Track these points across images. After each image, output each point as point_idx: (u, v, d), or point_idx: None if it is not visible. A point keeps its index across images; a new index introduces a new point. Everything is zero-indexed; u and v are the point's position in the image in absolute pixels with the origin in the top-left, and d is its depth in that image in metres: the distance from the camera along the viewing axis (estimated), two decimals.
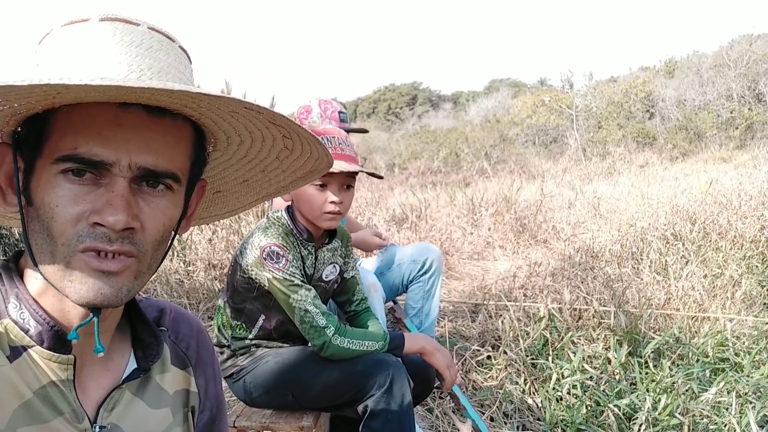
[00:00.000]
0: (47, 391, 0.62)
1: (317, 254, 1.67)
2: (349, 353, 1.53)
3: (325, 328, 1.51)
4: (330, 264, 1.72)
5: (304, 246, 1.64)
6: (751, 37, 21.41)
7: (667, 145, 16.98)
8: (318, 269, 1.68)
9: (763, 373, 2.29)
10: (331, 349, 1.51)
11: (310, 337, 1.53)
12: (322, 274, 1.70)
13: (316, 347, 1.53)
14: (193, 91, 0.52)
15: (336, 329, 1.52)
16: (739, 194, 5.28)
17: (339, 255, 1.76)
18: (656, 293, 3.26)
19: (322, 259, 1.69)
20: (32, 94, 0.53)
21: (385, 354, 1.57)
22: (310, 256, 1.66)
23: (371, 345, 1.55)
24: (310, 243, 1.64)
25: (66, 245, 0.58)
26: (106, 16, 0.62)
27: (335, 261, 1.74)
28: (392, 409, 1.45)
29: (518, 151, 17.76)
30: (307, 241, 1.63)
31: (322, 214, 1.58)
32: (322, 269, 1.69)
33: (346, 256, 1.79)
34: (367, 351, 1.54)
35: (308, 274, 1.65)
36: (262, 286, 1.57)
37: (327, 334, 1.51)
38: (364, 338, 1.56)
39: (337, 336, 1.52)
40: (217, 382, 0.85)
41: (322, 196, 1.56)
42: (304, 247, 1.64)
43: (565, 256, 4.48)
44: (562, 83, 24.47)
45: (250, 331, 1.66)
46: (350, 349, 1.53)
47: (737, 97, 19.27)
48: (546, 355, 2.56)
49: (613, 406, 2.07)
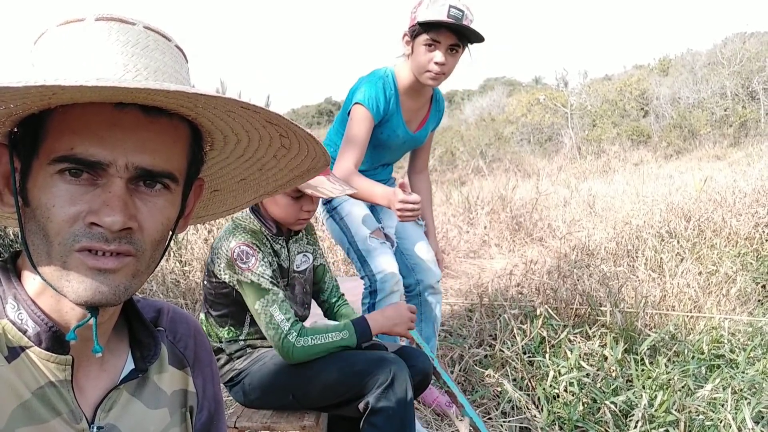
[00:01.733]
0: (45, 391, 0.62)
1: (289, 247, 1.71)
2: (316, 350, 1.51)
3: (288, 334, 1.50)
4: (300, 254, 1.76)
5: (275, 241, 1.67)
6: (744, 36, 21.51)
7: (661, 143, 17.05)
8: (292, 261, 1.72)
9: (758, 369, 2.31)
10: (296, 352, 1.50)
11: (276, 345, 1.52)
12: (294, 265, 1.73)
13: (283, 354, 1.52)
14: (189, 92, 0.52)
15: (297, 332, 1.51)
16: (733, 192, 5.30)
17: (307, 243, 1.81)
18: (652, 290, 3.28)
19: (293, 251, 1.73)
20: (28, 95, 0.53)
21: (385, 352, 1.57)
22: (283, 250, 1.69)
23: (335, 336, 1.54)
24: (280, 237, 1.68)
25: (62, 245, 0.57)
26: (102, 16, 0.62)
27: (303, 250, 1.78)
28: (394, 406, 1.45)
29: (513, 149, 17.80)
30: (276, 235, 1.67)
31: (296, 221, 1.65)
32: (294, 260, 1.73)
33: (313, 243, 1.84)
34: (334, 343, 1.53)
35: (284, 267, 1.68)
36: (235, 286, 1.58)
37: (290, 339, 1.50)
38: (326, 332, 1.54)
39: (299, 338, 1.51)
40: (215, 382, 0.85)
41: (296, 206, 1.62)
42: (275, 241, 1.67)
43: (561, 254, 4.49)
44: (556, 81, 24.52)
45: (241, 330, 1.67)
46: (316, 345, 1.51)
47: (731, 95, 19.36)
48: (543, 352, 2.57)
49: (610, 402, 2.08)
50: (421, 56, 1.93)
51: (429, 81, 1.98)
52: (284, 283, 1.69)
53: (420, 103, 2.14)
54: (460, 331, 3.08)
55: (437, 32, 1.88)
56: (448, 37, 1.89)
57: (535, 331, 2.70)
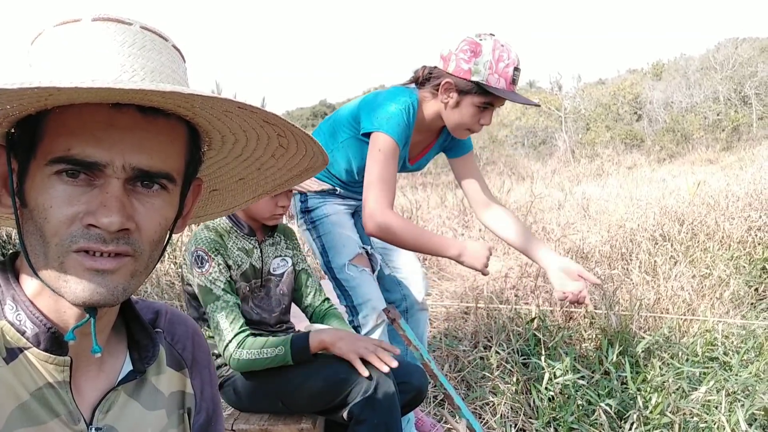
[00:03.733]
0: (44, 392, 0.62)
1: (262, 248, 1.71)
2: (253, 364, 1.51)
3: (229, 343, 1.51)
4: (276, 257, 1.75)
5: (247, 240, 1.67)
6: (736, 41, 21.70)
7: (654, 147, 17.15)
8: (266, 263, 1.71)
9: (751, 371, 2.32)
10: (233, 363, 1.51)
11: (220, 351, 1.53)
12: (270, 267, 1.73)
13: (226, 361, 1.53)
14: (185, 92, 0.52)
15: (237, 343, 1.51)
16: (726, 195, 5.34)
17: (286, 248, 1.80)
18: (646, 293, 3.29)
19: (267, 253, 1.73)
20: (24, 96, 0.53)
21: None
22: (255, 250, 1.69)
23: (270, 352, 1.51)
24: (252, 237, 1.69)
25: (59, 246, 0.57)
26: (99, 16, 0.62)
27: (282, 254, 1.77)
28: (377, 415, 1.43)
29: (508, 152, 17.86)
30: (248, 235, 1.68)
31: (271, 216, 1.66)
32: (269, 262, 1.73)
33: (293, 248, 1.83)
34: (269, 358, 1.51)
35: (257, 268, 1.68)
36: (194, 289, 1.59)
37: (229, 349, 1.51)
38: (263, 346, 1.52)
39: (237, 350, 1.51)
40: (213, 384, 0.85)
41: (272, 202, 1.63)
42: (247, 241, 1.67)
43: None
44: (551, 85, 24.64)
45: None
46: (252, 359, 1.51)
47: (723, 99, 19.51)
48: (538, 355, 2.57)
49: (605, 405, 2.08)
50: (467, 116, 1.75)
51: (463, 136, 1.86)
52: (257, 284, 1.69)
53: (424, 136, 1.98)
54: (455, 334, 3.08)
55: (495, 98, 1.71)
56: (502, 101, 1.74)
57: (530, 333, 2.70)
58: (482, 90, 1.68)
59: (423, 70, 1.83)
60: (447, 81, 1.72)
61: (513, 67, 1.67)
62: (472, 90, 1.70)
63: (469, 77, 1.68)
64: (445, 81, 1.72)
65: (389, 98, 1.79)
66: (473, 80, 1.67)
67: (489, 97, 1.70)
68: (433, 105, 1.81)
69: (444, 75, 1.73)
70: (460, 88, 1.71)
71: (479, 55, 1.67)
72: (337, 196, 2.04)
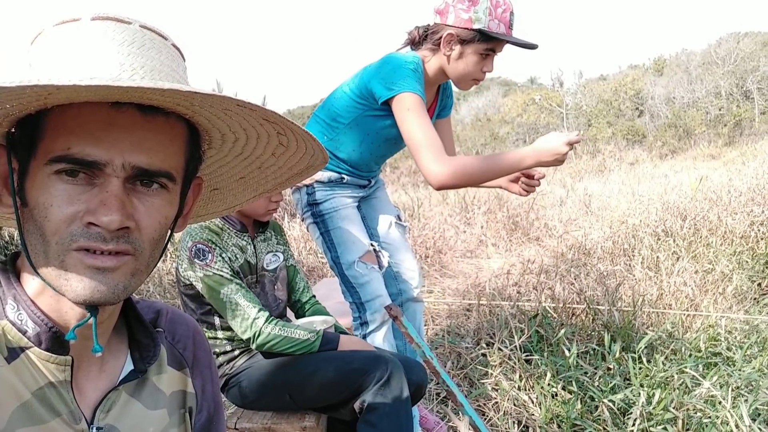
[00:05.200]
0: (45, 392, 0.62)
1: (255, 244, 1.72)
2: (280, 341, 1.52)
3: (256, 318, 1.52)
4: (268, 253, 1.76)
5: (240, 237, 1.68)
6: (738, 35, 21.62)
7: (656, 143, 17.10)
8: (260, 258, 1.72)
9: (754, 366, 2.32)
10: (261, 337, 1.51)
11: (242, 330, 1.53)
12: (263, 263, 1.73)
13: (249, 338, 1.53)
14: (183, 90, 0.52)
15: (266, 319, 1.53)
16: (728, 190, 5.33)
17: (277, 244, 1.82)
18: (649, 289, 3.28)
19: (261, 249, 1.74)
20: (23, 95, 0.53)
21: (381, 350, 1.57)
22: (249, 246, 1.69)
23: (303, 334, 1.54)
24: (244, 233, 1.69)
25: (60, 244, 0.57)
26: (98, 15, 0.62)
27: (273, 250, 1.78)
28: (390, 403, 1.45)
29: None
30: (241, 231, 1.68)
31: (265, 212, 1.69)
32: (262, 258, 1.73)
33: (284, 244, 1.85)
34: (299, 340, 1.53)
35: (252, 264, 1.69)
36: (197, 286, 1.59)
37: (258, 324, 1.51)
38: (296, 328, 1.55)
39: (267, 324, 1.52)
40: (214, 383, 0.85)
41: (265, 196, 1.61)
42: (240, 237, 1.68)
43: (558, 254, 4.50)
44: (552, 81, 24.61)
45: (215, 333, 1.67)
46: (282, 336, 1.52)
47: (725, 94, 19.46)
48: (541, 351, 2.57)
49: (608, 401, 2.08)
50: (471, 65, 1.75)
51: (467, 87, 1.85)
52: (253, 280, 1.70)
53: (428, 95, 1.96)
54: (458, 331, 3.08)
55: (497, 43, 1.72)
56: (503, 45, 1.75)
57: (533, 330, 2.70)
58: (485, 37, 1.70)
59: (417, 30, 1.84)
60: (449, 33, 1.73)
61: (509, 11, 1.68)
62: (475, 38, 1.70)
63: (471, 26, 1.68)
64: (447, 33, 1.73)
65: (396, 63, 1.76)
66: (475, 28, 1.68)
67: (492, 43, 1.71)
68: (434, 62, 1.82)
69: (443, 28, 1.74)
70: (462, 38, 1.71)
71: (477, 3, 1.67)
72: (345, 186, 2.00)
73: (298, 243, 5.11)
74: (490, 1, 1.66)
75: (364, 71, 1.85)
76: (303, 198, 1.99)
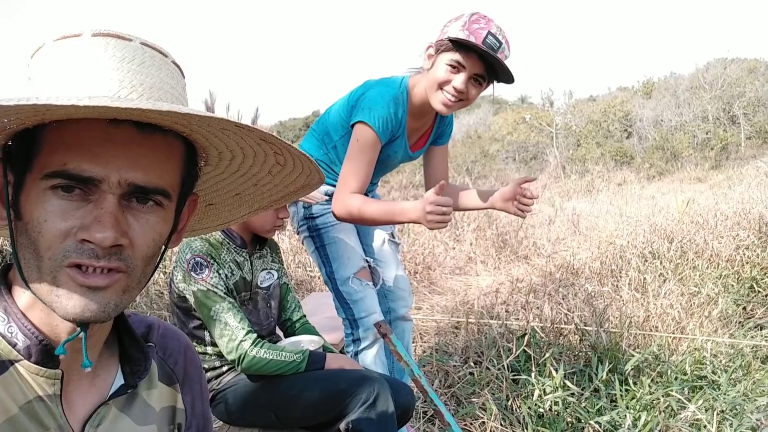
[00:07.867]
0: (33, 406, 0.61)
1: (252, 261, 1.71)
2: (265, 364, 1.51)
3: (243, 341, 1.50)
4: (263, 270, 1.76)
5: (238, 252, 1.67)
6: (725, 61, 22.05)
7: (644, 164, 17.31)
8: (255, 275, 1.72)
9: (739, 391, 2.33)
10: (247, 360, 1.50)
11: (227, 351, 1.52)
12: (257, 280, 1.73)
13: (234, 360, 1.52)
14: (181, 112, 0.52)
15: (253, 341, 1.51)
16: (715, 214, 5.39)
17: (272, 261, 1.81)
18: (635, 311, 3.30)
19: (256, 266, 1.73)
20: (21, 110, 0.53)
21: (368, 371, 1.56)
22: (246, 263, 1.69)
23: (289, 356, 1.53)
24: (243, 249, 1.68)
25: (52, 260, 0.57)
26: (99, 32, 0.62)
27: (268, 267, 1.78)
28: (376, 424, 1.44)
29: (499, 167, 17.96)
30: (240, 247, 1.67)
31: (272, 228, 1.68)
32: (258, 275, 1.73)
33: (279, 261, 1.85)
34: (286, 362, 1.53)
35: (247, 280, 1.68)
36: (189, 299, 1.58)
37: (244, 346, 1.50)
38: (281, 349, 1.54)
39: (254, 347, 1.50)
40: (204, 400, 0.85)
41: (273, 213, 1.65)
42: (238, 253, 1.67)
43: (546, 273, 4.52)
44: (542, 101, 24.89)
45: (204, 348, 1.65)
46: (269, 359, 1.51)
47: (712, 118, 19.77)
48: (528, 371, 2.57)
49: (594, 422, 2.08)
50: (440, 74, 1.70)
51: (439, 105, 1.74)
52: (246, 297, 1.69)
53: (423, 121, 1.95)
54: (446, 349, 3.08)
55: (466, 55, 1.66)
56: (476, 64, 1.67)
57: (521, 350, 2.70)
58: (455, 45, 1.68)
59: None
60: (428, 45, 1.76)
61: (487, 30, 1.65)
62: (444, 47, 1.70)
63: (445, 36, 1.70)
64: (427, 46, 1.77)
65: (375, 89, 1.81)
66: (446, 37, 1.69)
67: (460, 53, 1.67)
68: (422, 85, 1.81)
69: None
70: (436, 47, 1.73)
71: (458, 19, 1.70)
72: None
73: (287, 256, 5.08)
74: (470, 18, 1.68)
75: (354, 90, 1.89)
76: (299, 212, 1.99)
